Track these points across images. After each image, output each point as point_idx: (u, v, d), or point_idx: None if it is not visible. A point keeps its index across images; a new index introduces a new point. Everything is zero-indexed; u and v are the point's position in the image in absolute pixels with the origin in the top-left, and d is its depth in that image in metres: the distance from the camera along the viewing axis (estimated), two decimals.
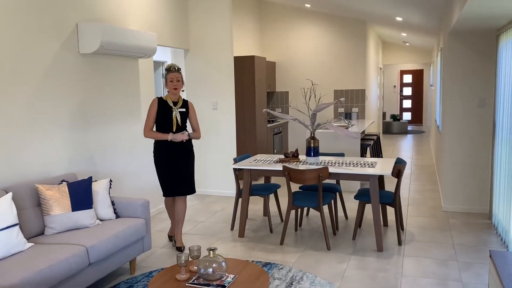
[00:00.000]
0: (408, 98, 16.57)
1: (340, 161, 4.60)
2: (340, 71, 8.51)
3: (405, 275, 3.60)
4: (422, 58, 13.27)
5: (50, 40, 3.74)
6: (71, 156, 3.99)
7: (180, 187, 4.15)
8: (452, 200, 5.36)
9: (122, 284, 3.50)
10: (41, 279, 2.68)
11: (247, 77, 6.89)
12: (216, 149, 6.36)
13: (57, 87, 3.83)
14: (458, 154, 5.28)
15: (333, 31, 8.45)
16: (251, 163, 4.63)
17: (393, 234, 4.56)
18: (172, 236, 4.43)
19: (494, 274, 2.64)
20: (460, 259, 3.90)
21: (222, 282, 2.72)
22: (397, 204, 4.33)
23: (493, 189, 4.89)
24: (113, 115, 4.55)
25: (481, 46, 5.04)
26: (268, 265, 3.81)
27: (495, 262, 2.66)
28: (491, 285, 2.75)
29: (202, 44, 6.20)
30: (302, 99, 8.74)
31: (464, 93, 5.16)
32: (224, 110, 6.22)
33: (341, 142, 6.50)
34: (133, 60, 4.85)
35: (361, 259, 3.94)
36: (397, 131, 14.52)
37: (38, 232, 3.35)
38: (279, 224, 4.99)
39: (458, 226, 4.78)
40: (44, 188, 3.35)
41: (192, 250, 2.90)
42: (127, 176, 4.80)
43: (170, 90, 4.03)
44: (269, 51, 8.87)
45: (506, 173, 4.17)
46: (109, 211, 3.65)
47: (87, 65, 4.17)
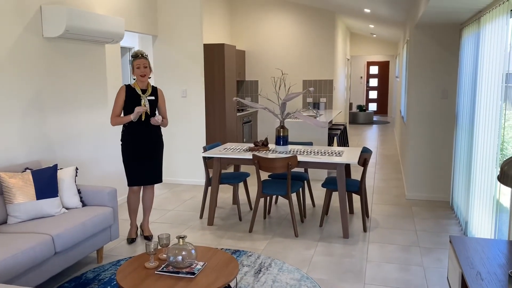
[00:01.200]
0: (374, 89, 16.91)
1: (309, 150, 4.67)
2: (309, 61, 8.59)
3: (370, 260, 3.71)
4: (389, 50, 13.55)
5: (12, 22, 3.60)
6: (35, 143, 3.87)
7: (147, 176, 4.09)
8: (415, 189, 5.55)
9: (89, 273, 3.46)
10: (4, 269, 2.61)
11: (217, 65, 6.85)
12: (186, 137, 6.31)
13: (21, 72, 3.69)
14: (422, 144, 5.46)
15: (303, 21, 8.49)
16: (220, 151, 4.63)
17: (358, 221, 4.69)
18: (133, 239, 4.16)
19: (453, 258, 2.77)
20: (422, 244, 4.06)
21: (191, 270, 2.73)
22: (362, 192, 4.45)
23: (454, 178, 5.09)
24: (79, 101, 4.44)
25: (445, 39, 5.20)
26: (237, 253, 3.85)
27: (454, 247, 2.79)
28: (450, 269, 2.89)
29: (171, 31, 6.11)
30: (272, 88, 8.77)
31: (428, 84, 5.32)
32: (194, 98, 6.18)
33: (309, 132, 6.58)
34: (100, 45, 4.73)
35: (328, 245, 4.04)
36: (363, 121, 14.82)
37: (1, 221, 3.25)
38: (248, 212, 5.04)
39: (421, 213, 4.96)
40: (6, 176, 3.25)
41: (161, 238, 2.89)
42: (93, 164, 4.71)
43: (137, 77, 3.95)
44: (239, 40, 8.84)
45: (465, 162, 4.35)
46: (75, 200, 3.58)
47: (52, 49, 4.04)
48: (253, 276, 3.39)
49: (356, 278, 3.39)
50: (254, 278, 3.37)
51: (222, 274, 2.72)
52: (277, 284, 3.27)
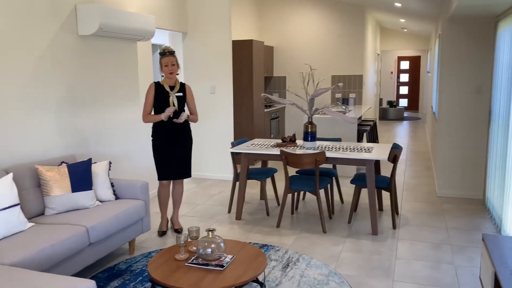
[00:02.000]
0: (405, 84, 16.59)
1: (337, 146, 4.65)
2: (338, 56, 8.51)
3: (399, 257, 3.67)
4: (420, 44, 13.26)
5: (49, 21, 3.73)
6: (70, 138, 4.01)
7: (176, 171, 4.16)
8: (446, 186, 5.43)
9: (122, 264, 3.56)
10: (43, 258, 2.73)
11: (245, 61, 6.88)
12: (214, 133, 6.38)
13: (56, 69, 3.83)
14: (454, 140, 5.34)
15: (332, 17, 8.42)
16: (248, 147, 4.66)
17: (387, 218, 4.63)
18: (163, 231, 4.25)
19: (486, 257, 2.71)
20: (453, 242, 3.98)
21: (220, 262, 2.78)
22: (392, 189, 4.40)
23: (487, 174, 4.96)
24: (111, 98, 4.56)
25: (479, 32, 5.06)
26: (265, 247, 3.88)
27: (487, 245, 2.73)
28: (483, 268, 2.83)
29: (201, 28, 6.18)
30: (299, 84, 8.75)
31: (461, 79, 5.20)
32: (222, 94, 6.23)
33: (338, 128, 6.54)
34: (132, 42, 4.84)
35: (356, 242, 4.02)
36: (394, 117, 14.57)
37: (38, 213, 3.39)
38: (276, 208, 5.06)
39: (452, 211, 4.86)
40: (44, 169, 3.38)
41: (191, 231, 2.95)
42: (125, 159, 4.83)
43: (166, 74, 4.01)
44: (268, 36, 8.84)
45: (500, 158, 4.24)
46: (109, 193, 3.69)
47: (86, 47, 4.16)
48: (281, 271, 3.42)
49: (384, 275, 3.36)
50: (282, 272, 3.39)
51: (250, 268, 2.75)
52: (305, 279, 3.28)
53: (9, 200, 2.92)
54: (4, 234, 2.86)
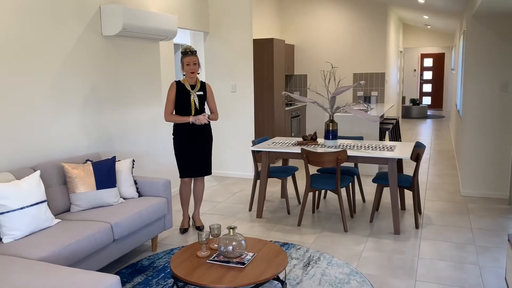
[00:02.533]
0: (428, 82, 16.31)
1: (359, 145, 4.61)
2: (360, 54, 8.43)
3: (422, 257, 3.63)
4: (444, 41, 13.01)
5: (74, 22, 3.81)
6: (95, 136, 4.09)
7: (197, 168, 4.21)
8: (471, 185, 5.33)
9: (145, 261, 3.62)
10: (69, 254, 2.80)
11: (266, 59, 6.89)
12: (235, 131, 6.42)
13: (81, 69, 3.91)
14: (479, 139, 5.23)
15: (354, 14, 8.35)
16: (269, 145, 4.67)
17: (410, 218, 4.58)
18: (185, 229, 4.30)
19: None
20: (478, 243, 3.91)
21: (241, 260, 2.80)
22: (415, 188, 4.34)
23: None
24: (134, 97, 4.64)
25: (505, 28, 4.94)
26: (286, 245, 3.89)
27: None
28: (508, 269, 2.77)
29: (222, 27, 6.22)
30: (320, 82, 8.71)
31: (486, 77, 5.09)
32: (243, 92, 6.26)
33: (360, 126, 6.49)
34: (154, 42, 4.91)
35: (378, 241, 3.98)
36: (417, 115, 14.35)
37: (64, 209, 3.48)
38: (297, 206, 5.05)
39: (477, 211, 4.77)
40: (70, 166, 3.47)
41: (213, 228, 2.98)
42: (147, 157, 4.91)
43: (187, 73, 4.06)
44: (288, 34, 8.82)
45: None
46: (132, 190, 3.76)
47: (110, 47, 4.24)
48: (301, 269, 3.42)
49: (407, 275, 3.33)
50: (303, 271, 3.39)
51: (271, 266, 2.77)
52: (326, 277, 3.27)
53: (37, 197, 3.01)
54: (32, 230, 2.95)
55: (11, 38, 3.26)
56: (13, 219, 2.84)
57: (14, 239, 2.85)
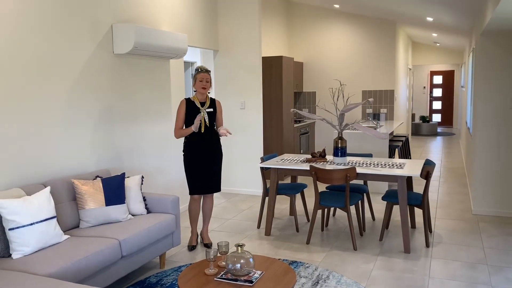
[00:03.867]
0: (438, 99, 16.26)
1: (368, 162, 4.60)
2: (369, 71, 8.46)
3: (433, 277, 3.57)
4: (453, 58, 13.01)
5: (87, 40, 3.89)
6: (104, 152, 4.13)
7: (207, 185, 4.22)
8: (482, 203, 5.26)
9: (152, 278, 3.61)
10: (78, 269, 2.80)
11: (275, 77, 6.94)
12: (244, 148, 6.43)
13: (93, 86, 3.98)
14: (489, 157, 5.18)
15: (362, 32, 8.40)
16: (278, 162, 4.67)
17: (420, 236, 4.52)
18: (193, 246, 4.30)
19: None
20: (490, 262, 3.84)
21: (249, 278, 2.78)
22: (425, 206, 4.30)
23: None
24: (145, 114, 4.68)
25: None
26: (294, 264, 3.85)
27: None
28: None
29: (231, 45, 6.29)
30: (329, 99, 8.73)
31: (496, 94, 5.06)
32: (252, 110, 6.29)
33: (369, 143, 6.47)
34: (165, 60, 4.98)
35: (388, 260, 3.93)
36: (427, 133, 14.28)
37: (74, 225, 3.49)
38: (305, 224, 5.02)
39: (489, 230, 4.70)
40: (79, 183, 3.49)
41: (221, 245, 2.97)
42: (157, 173, 4.93)
43: (198, 89, 4.12)
44: (297, 51, 8.89)
45: None
46: (141, 207, 3.77)
47: (121, 65, 4.31)
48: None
49: None
50: None
51: (279, 284, 2.74)
52: None
53: (47, 213, 3.03)
54: (42, 246, 2.97)
55: (24, 55, 3.33)
56: (23, 234, 2.86)
57: (23, 255, 2.87)
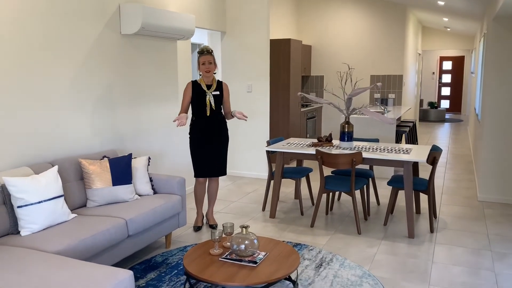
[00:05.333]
0: (447, 85, 16.09)
1: (374, 147, 4.58)
2: (378, 55, 8.37)
3: (436, 262, 3.59)
4: (464, 44, 12.82)
5: (94, 21, 3.88)
6: (111, 133, 4.15)
7: (212, 169, 4.23)
8: (488, 190, 5.25)
9: (158, 257, 3.66)
10: (85, 248, 2.85)
11: (283, 60, 6.89)
12: (250, 131, 6.43)
13: (100, 67, 3.98)
14: (497, 144, 5.14)
15: (372, 15, 8.29)
16: (284, 146, 4.67)
17: (425, 222, 4.53)
18: (199, 227, 4.33)
19: None
20: (494, 249, 3.85)
21: (253, 259, 2.81)
22: (430, 192, 4.29)
23: None
24: (152, 95, 4.69)
25: None
26: (298, 246, 3.88)
27: None
28: None
29: (239, 27, 6.24)
30: (337, 83, 8.67)
31: (506, 80, 5.00)
32: (259, 93, 6.27)
33: (376, 128, 6.44)
34: (172, 41, 4.95)
35: (392, 244, 3.95)
36: (434, 119, 14.17)
37: (81, 204, 3.54)
38: (310, 207, 5.04)
39: (494, 216, 4.69)
40: (87, 163, 3.52)
41: (226, 226, 3.00)
42: (163, 155, 4.95)
43: (202, 73, 4.10)
44: (306, 35, 8.81)
45: None
46: (147, 187, 3.80)
47: (128, 45, 4.30)
48: (314, 270, 3.41)
49: (420, 279, 3.29)
50: (315, 272, 3.39)
51: (283, 265, 2.77)
52: (338, 279, 3.26)
53: (54, 191, 3.07)
54: (49, 224, 3.01)
55: (31, 36, 3.33)
56: (31, 212, 2.91)
57: (31, 232, 2.91)
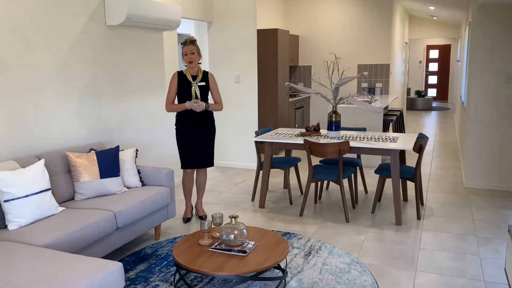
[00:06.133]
0: (434, 74, 16.22)
1: (362, 136, 4.62)
2: (365, 45, 8.39)
3: (423, 248, 3.65)
4: (450, 32, 12.91)
5: (78, 11, 3.82)
6: (98, 126, 4.12)
7: (199, 159, 4.23)
8: (474, 177, 5.33)
9: (148, 249, 3.67)
10: (73, 240, 2.84)
11: (270, 50, 6.88)
12: (238, 122, 6.43)
13: (85, 58, 3.93)
14: (482, 131, 5.22)
15: (359, 4, 8.29)
16: (272, 136, 4.69)
17: (412, 209, 4.59)
18: (188, 218, 4.34)
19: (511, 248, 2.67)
20: (479, 234, 3.92)
21: (243, 248, 2.83)
22: (417, 179, 4.35)
23: None
24: (138, 87, 4.65)
25: (510, 20, 4.90)
26: (288, 235, 3.92)
27: None
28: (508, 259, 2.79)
29: (226, 17, 6.20)
30: (324, 73, 8.69)
31: (490, 68, 5.06)
32: (247, 83, 6.26)
33: (363, 117, 6.48)
34: (158, 32, 4.91)
35: (379, 232, 4.01)
36: (421, 107, 14.30)
37: (69, 198, 3.52)
38: (299, 197, 5.08)
39: (479, 203, 4.78)
40: (74, 155, 3.50)
41: (215, 217, 3.01)
42: (151, 147, 4.94)
43: (186, 63, 4.08)
44: (293, 25, 8.79)
45: None
46: (136, 179, 3.79)
47: (114, 37, 4.25)
48: (303, 258, 3.45)
49: (407, 265, 3.35)
50: (304, 260, 3.43)
51: (272, 254, 2.80)
52: (326, 267, 3.31)
53: (41, 185, 3.05)
54: (37, 217, 2.99)
55: (14, 27, 3.28)
56: (18, 206, 2.89)
57: (19, 226, 2.90)
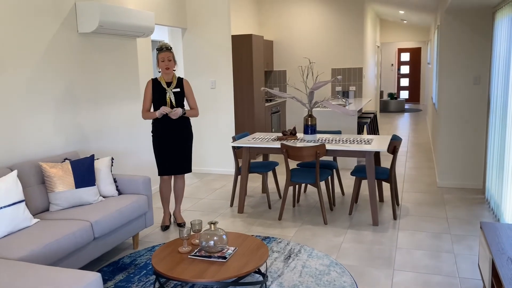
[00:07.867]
0: (405, 76, 16.58)
1: (337, 139, 4.69)
2: (338, 49, 8.52)
3: (400, 247, 3.72)
4: (420, 36, 13.24)
5: (49, 19, 3.76)
6: (72, 135, 4.05)
7: (176, 166, 4.20)
8: (447, 176, 5.47)
9: (126, 258, 3.62)
10: (49, 252, 2.78)
11: (245, 56, 6.91)
12: (215, 128, 6.42)
13: (57, 67, 3.87)
14: (453, 131, 5.37)
15: (331, 9, 8.43)
16: (249, 141, 4.70)
17: (388, 209, 4.68)
18: (166, 226, 4.29)
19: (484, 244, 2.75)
20: (453, 232, 4.03)
21: (223, 254, 2.83)
22: (392, 180, 4.44)
23: (487, 164, 4.99)
24: (112, 94, 4.60)
25: (477, 23, 5.07)
26: (267, 239, 3.93)
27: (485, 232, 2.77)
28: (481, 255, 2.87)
29: (200, 23, 6.20)
30: (299, 77, 8.77)
31: (460, 70, 5.22)
32: (222, 89, 6.27)
33: (338, 120, 6.57)
34: (131, 39, 4.87)
35: (357, 233, 4.06)
36: (394, 109, 14.58)
37: (43, 209, 3.44)
38: (278, 201, 5.11)
39: (452, 201, 4.90)
40: (47, 166, 3.43)
41: (194, 224, 3.00)
42: (127, 155, 4.88)
43: (162, 70, 4.06)
44: (267, 30, 8.85)
45: (499, 148, 4.27)
46: (112, 188, 3.74)
47: (86, 44, 4.20)
48: (283, 262, 3.47)
49: (385, 264, 3.41)
50: (284, 263, 3.44)
51: (252, 259, 2.80)
52: (306, 269, 3.33)
53: (14, 197, 2.98)
54: (10, 230, 2.92)
55: None
56: None
57: None
